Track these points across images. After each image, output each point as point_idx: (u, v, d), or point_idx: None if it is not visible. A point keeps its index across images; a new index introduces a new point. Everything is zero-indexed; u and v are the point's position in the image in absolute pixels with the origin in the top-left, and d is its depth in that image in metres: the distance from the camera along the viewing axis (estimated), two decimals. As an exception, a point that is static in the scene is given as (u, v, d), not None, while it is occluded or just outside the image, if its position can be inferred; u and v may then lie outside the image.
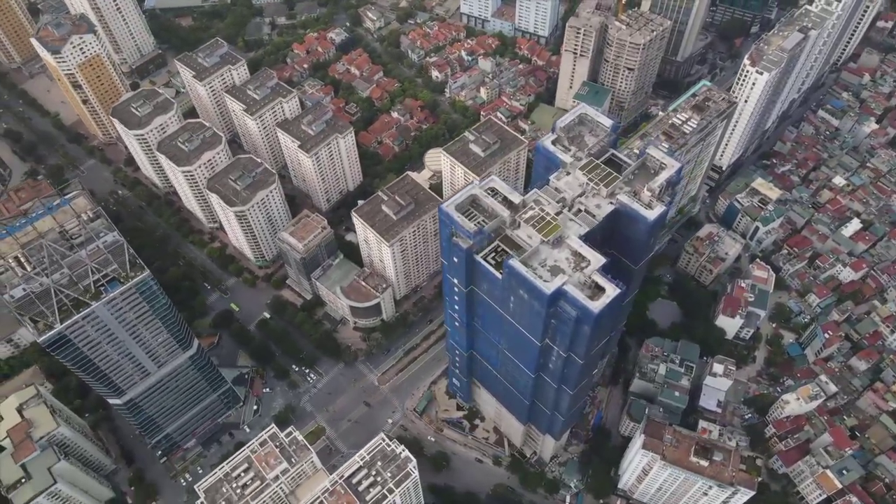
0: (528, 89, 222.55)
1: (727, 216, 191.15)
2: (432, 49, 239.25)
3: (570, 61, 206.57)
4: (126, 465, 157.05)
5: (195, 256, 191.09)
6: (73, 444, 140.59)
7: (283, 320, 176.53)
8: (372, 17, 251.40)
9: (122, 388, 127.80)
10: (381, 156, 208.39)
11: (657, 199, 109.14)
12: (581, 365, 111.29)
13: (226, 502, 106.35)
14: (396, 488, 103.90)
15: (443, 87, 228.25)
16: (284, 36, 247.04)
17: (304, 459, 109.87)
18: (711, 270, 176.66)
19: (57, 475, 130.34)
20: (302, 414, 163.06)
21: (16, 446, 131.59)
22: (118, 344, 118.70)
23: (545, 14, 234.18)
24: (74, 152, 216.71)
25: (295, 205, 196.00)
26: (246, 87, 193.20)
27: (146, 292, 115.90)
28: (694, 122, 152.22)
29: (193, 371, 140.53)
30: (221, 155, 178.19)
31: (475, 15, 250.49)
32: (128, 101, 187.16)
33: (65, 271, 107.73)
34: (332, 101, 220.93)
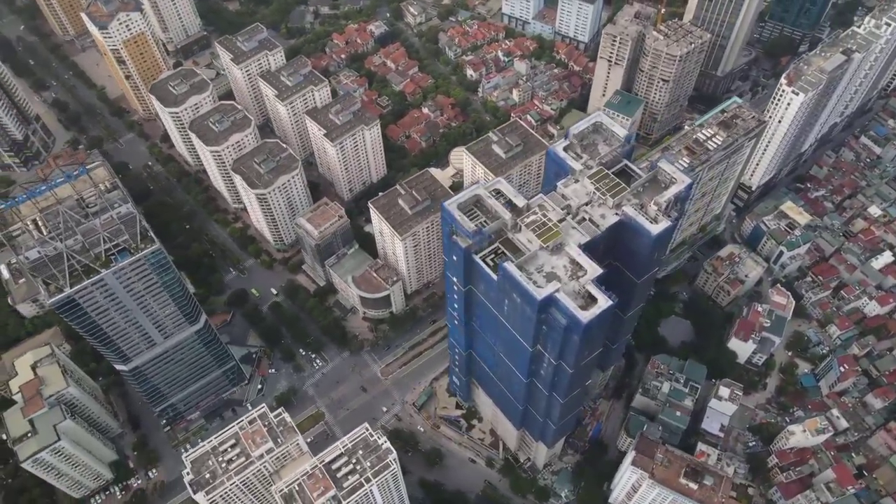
0: (562, 94, 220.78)
1: (752, 238, 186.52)
2: (470, 48, 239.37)
3: (605, 69, 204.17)
4: (132, 430, 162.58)
5: (217, 235, 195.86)
6: (81, 404, 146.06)
7: (294, 304, 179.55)
8: (413, 11, 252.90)
9: (128, 356, 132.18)
10: (407, 150, 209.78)
11: (663, 214, 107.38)
12: (570, 374, 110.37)
13: (210, 475, 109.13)
14: (374, 478, 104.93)
15: (476, 86, 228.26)
16: (326, 25, 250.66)
17: (289, 441, 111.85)
18: (729, 292, 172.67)
19: (62, 433, 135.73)
20: (303, 397, 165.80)
21: (26, 402, 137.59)
22: (125, 312, 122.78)
23: (586, 19, 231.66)
24: (115, 125, 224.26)
25: (318, 192, 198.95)
26: (280, 72, 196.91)
27: (155, 264, 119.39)
28: (719, 138, 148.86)
29: (199, 345, 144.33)
30: (249, 138, 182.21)
31: (516, 16, 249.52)
32: (166, 79, 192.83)
33: (78, 238, 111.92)
34: (366, 92, 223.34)
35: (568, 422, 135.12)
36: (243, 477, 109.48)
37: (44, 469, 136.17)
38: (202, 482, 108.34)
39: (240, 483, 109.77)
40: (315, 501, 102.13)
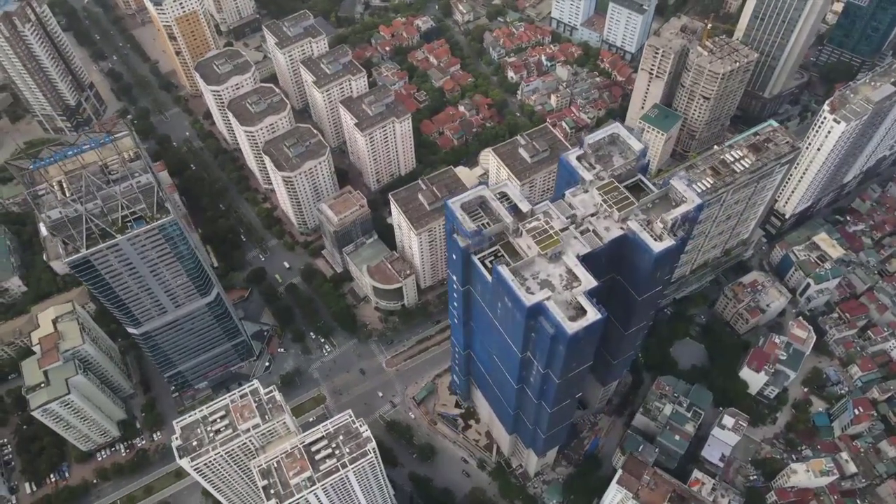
0: (600, 104, 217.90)
1: (781, 267, 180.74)
2: (514, 49, 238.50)
3: (645, 81, 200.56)
4: (143, 392, 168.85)
5: (245, 213, 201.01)
6: (95, 362, 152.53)
7: (310, 288, 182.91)
8: (462, 9, 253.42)
9: (139, 320, 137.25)
10: (438, 146, 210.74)
11: (669, 233, 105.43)
12: (557, 384, 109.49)
13: (197, 442, 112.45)
14: (350, 465, 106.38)
15: (516, 89, 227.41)
16: (375, 17, 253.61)
17: (276, 419, 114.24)
18: (748, 319, 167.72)
19: (72, 386, 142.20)
20: (308, 379, 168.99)
21: (43, 354, 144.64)
22: (138, 278, 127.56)
23: (635, 29, 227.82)
24: (163, 99, 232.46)
25: (346, 180, 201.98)
26: (320, 60, 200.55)
27: (168, 235, 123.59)
28: (747, 161, 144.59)
29: (209, 318, 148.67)
30: (284, 121, 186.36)
31: (565, 21, 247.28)
32: (212, 57, 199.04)
33: (98, 202, 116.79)
34: (405, 86, 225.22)
35: (559, 432, 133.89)
36: (228, 448, 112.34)
37: (53, 419, 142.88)
38: (189, 448, 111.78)
39: (224, 454, 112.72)
40: (290, 480, 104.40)
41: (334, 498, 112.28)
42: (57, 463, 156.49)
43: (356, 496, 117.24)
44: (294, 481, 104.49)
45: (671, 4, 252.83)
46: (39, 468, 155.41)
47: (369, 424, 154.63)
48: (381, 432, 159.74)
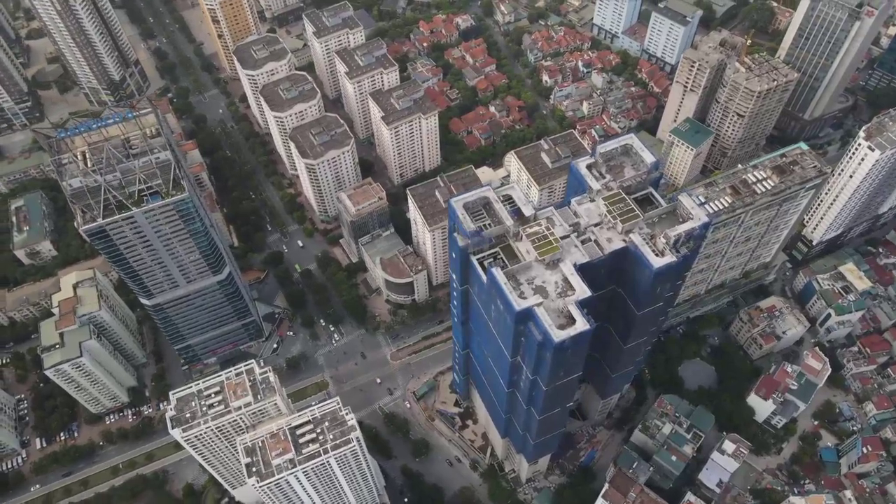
0: (633, 114, 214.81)
1: (803, 295, 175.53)
2: (551, 53, 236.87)
3: (679, 94, 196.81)
4: (155, 362, 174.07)
5: (270, 196, 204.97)
6: (110, 328, 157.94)
7: (324, 275, 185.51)
8: (504, 10, 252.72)
9: (151, 291, 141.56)
10: (465, 145, 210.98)
11: (671, 249, 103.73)
12: (545, 391, 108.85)
13: (191, 415, 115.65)
14: (332, 451, 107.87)
15: (549, 93, 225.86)
16: (416, 12, 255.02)
17: (268, 399, 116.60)
18: (761, 345, 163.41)
19: (85, 350, 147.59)
20: (313, 365, 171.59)
21: (60, 316, 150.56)
22: (151, 251, 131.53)
23: (676, 41, 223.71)
24: (204, 80, 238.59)
25: (372, 172, 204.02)
26: (355, 51, 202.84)
27: (182, 212, 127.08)
28: (769, 183, 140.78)
29: (220, 296, 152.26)
30: (313, 109, 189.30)
31: (606, 28, 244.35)
32: (250, 42, 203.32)
33: (117, 175, 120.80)
34: (438, 83, 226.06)
35: (549, 440, 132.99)
36: (219, 423, 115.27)
37: (65, 380, 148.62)
38: (181, 419, 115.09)
39: (214, 428, 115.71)
40: (272, 460, 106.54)
41: (316, 482, 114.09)
42: (67, 422, 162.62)
43: (339, 483, 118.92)
44: (276, 462, 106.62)
45: (718, 18, 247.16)
46: (51, 426, 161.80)
47: (367, 415, 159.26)
48: (379, 423, 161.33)
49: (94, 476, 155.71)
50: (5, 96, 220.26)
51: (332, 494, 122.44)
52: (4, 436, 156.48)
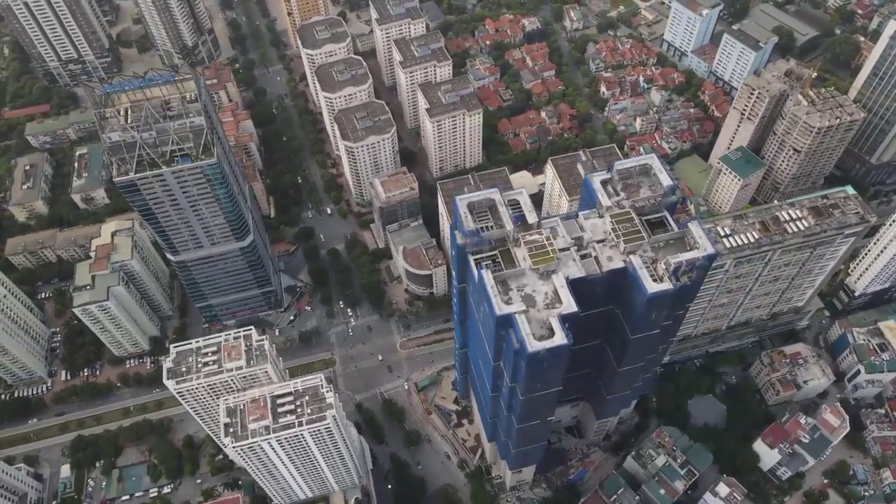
0: (687, 136, 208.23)
1: (836, 346, 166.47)
2: (614, 65, 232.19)
3: (736, 121, 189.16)
4: (179, 316, 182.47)
5: (312, 174, 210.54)
6: (139, 278, 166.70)
7: (350, 256, 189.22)
8: (574, 17, 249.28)
9: (176, 248, 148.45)
10: (510, 147, 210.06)
11: (671, 276, 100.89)
12: (521, 400, 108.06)
13: (186, 369, 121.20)
14: (307, 424, 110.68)
15: (605, 104, 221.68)
16: (485, 10, 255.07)
17: (259, 366, 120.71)
18: (779, 391, 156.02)
19: (112, 294, 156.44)
20: (324, 342, 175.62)
21: (95, 260, 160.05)
22: (178, 209, 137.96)
23: (745, 66, 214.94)
24: (271, 54, 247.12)
25: (414, 162, 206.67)
26: (412, 41, 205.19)
27: (210, 176, 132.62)
28: (804, 223, 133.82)
29: (242, 262, 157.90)
30: (363, 93, 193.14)
31: (676, 45, 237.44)
32: (314, 23, 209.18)
33: (153, 133, 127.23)
34: (494, 82, 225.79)
35: (531, 452, 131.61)
36: (210, 381, 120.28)
37: (90, 319, 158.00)
38: (177, 372, 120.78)
39: (206, 385, 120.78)
40: (248, 424, 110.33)
41: (291, 452, 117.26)
42: (92, 360, 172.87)
43: (315, 458, 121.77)
44: (252, 426, 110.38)
45: (798, 47, 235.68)
46: (77, 361, 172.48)
47: (368, 398, 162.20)
48: (377, 408, 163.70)
49: (107, 414, 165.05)
50: (88, 50, 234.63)
51: (309, 468, 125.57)
52: (34, 363, 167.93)
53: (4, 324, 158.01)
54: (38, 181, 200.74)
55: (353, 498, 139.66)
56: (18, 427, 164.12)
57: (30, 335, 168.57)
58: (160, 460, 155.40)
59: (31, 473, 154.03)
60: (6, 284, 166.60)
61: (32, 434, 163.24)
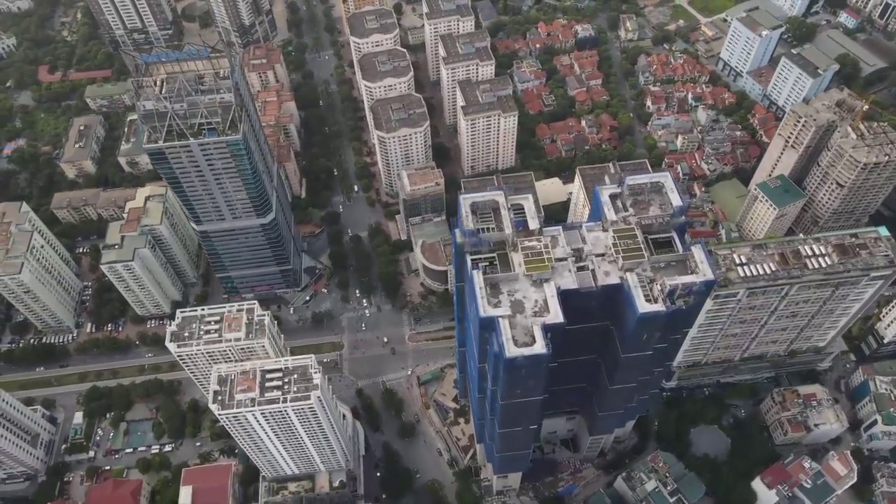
0: (729, 159, 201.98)
1: (857, 392, 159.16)
2: (664, 79, 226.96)
3: (779, 148, 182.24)
4: (203, 284, 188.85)
5: (347, 159, 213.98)
6: (166, 243, 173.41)
7: (371, 244, 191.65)
8: (629, 27, 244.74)
9: (199, 218, 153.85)
10: (545, 153, 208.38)
11: (665, 298, 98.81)
12: (501, 405, 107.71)
13: (188, 334, 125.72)
14: (290, 402, 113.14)
15: (649, 118, 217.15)
16: (540, 13, 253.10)
17: (256, 340, 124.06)
18: (787, 431, 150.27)
19: (138, 256, 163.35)
20: (335, 325, 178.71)
21: (126, 222, 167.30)
22: (203, 181, 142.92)
23: (801, 92, 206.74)
24: (324, 40, 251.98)
25: (447, 158, 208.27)
26: (458, 38, 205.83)
27: (234, 151, 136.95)
28: (826, 261, 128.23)
29: (262, 238, 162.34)
30: (402, 85, 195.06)
31: (732, 64, 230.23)
32: (365, 12, 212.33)
33: (184, 105, 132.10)
34: (538, 86, 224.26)
35: (515, 459, 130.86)
36: (210, 349, 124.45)
37: (116, 277, 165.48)
38: (179, 336, 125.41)
39: (206, 352, 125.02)
40: (235, 395, 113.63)
41: (276, 427, 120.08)
42: (117, 316, 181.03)
43: (300, 436, 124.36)
44: (239, 397, 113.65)
45: (863, 77, 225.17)
46: (103, 316, 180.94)
47: (369, 385, 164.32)
48: (377, 396, 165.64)
49: (124, 369, 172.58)
50: (152, 21, 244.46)
51: (294, 445, 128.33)
52: (63, 313, 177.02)
53: (39, 273, 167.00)
54: (90, 142, 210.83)
55: (337, 479, 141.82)
56: (41, 371, 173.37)
57: (62, 286, 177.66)
58: (165, 419, 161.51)
59: (46, 416, 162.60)
60: (46, 236, 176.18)
61: (53, 380, 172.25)
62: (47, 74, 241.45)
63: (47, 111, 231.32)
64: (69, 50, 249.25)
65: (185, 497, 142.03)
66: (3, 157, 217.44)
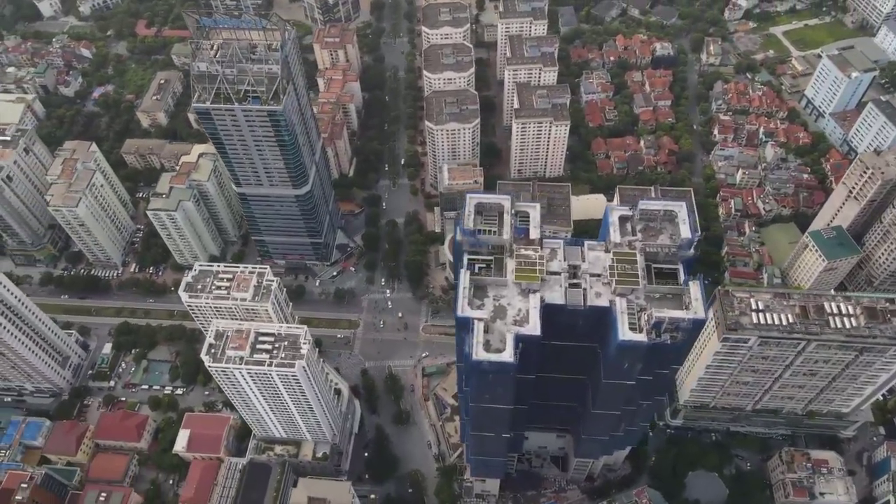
0: (789, 202, 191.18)
1: (877, 468, 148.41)
2: (738, 109, 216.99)
3: (842, 197, 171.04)
4: (241, 244, 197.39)
5: (399, 145, 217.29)
6: (211, 200, 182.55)
7: (406, 231, 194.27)
8: (713, 50, 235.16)
9: (239, 180, 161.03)
10: (596, 167, 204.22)
11: (650, 330, 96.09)
12: (471, 408, 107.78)
13: (201, 287, 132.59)
14: (275, 367, 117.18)
15: (712, 147, 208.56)
16: (622, 25, 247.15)
17: (260, 303, 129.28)
18: (789, 494, 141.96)
19: (181, 208, 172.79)
20: (356, 304, 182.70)
21: (177, 174, 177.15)
22: (244, 145, 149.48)
23: (885, 141, 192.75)
24: (402, 26, 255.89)
25: (496, 158, 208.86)
26: (525, 40, 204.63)
27: (274, 122, 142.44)
28: (849, 322, 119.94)
29: (295, 209, 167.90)
30: (462, 80, 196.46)
31: (815, 103, 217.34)
32: (440, 3, 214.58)
33: (234, 71, 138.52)
34: (603, 100, 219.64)
35: (489, 464, 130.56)
36: (217, 304, 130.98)
37: (159, 224, 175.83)
38: (192, 287, 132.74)
39: (213, 307, 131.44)
40: (226, 350, 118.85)
41: (262, 388, 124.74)
42: (159, 261, 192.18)
43: (285, 401, 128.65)
44: (229, 353, 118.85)
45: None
46: (147, 259, 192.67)
47: (376, 367, 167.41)
48: (381, 379, 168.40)
49: (155, 311, 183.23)
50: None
51: (280, 410, 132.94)
52: (112, 251, 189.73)
53: (94, 209, 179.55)
54: (167, 96, 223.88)
55: (321, 451, 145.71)
56: (84, 300, 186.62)
57: (115, 225, 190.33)
58: (182, 364, 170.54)
59: (80, 342, 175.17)
60: (108, 176, 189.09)
61: (93, 310, 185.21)
62: (144, 29, 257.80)
63: (138, 62, 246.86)
64: (167, 8, 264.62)
65: (182, 439, 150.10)
66: (91, 100, 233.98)
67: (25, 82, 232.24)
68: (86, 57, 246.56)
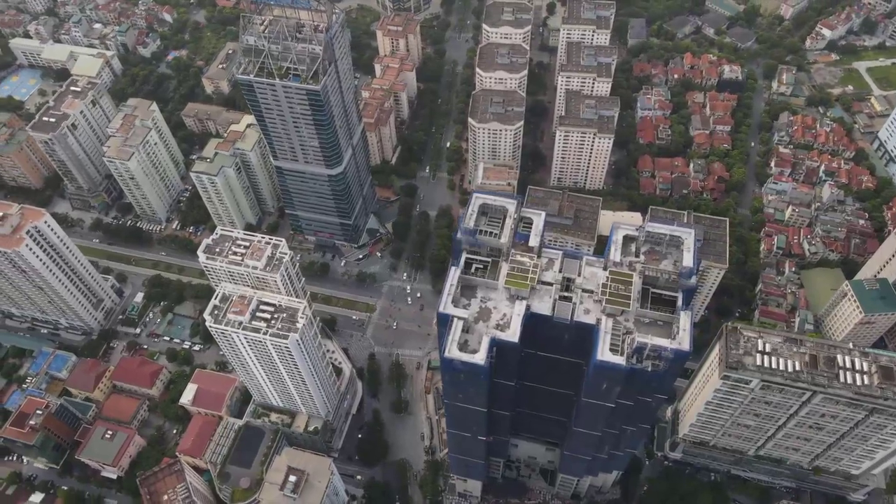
0: (838, 246, 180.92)
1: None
2: (801, 143, 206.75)
3: (892, 248, 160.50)
4: (278, 217, 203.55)
5: (445, 139, 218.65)
6: (253, 169, 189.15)
7: (436, 224, 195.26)
8: (785, 79, 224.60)
9: (276, 153, 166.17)
10: (639, 185, 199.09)
11: (631, 355, 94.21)
12: (448, 406, 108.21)
13: (219, 249, 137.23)
14: (269, 337, 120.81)
15: (766, 179, 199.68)
16: (694, 43, 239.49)
17: (270, 274, 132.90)
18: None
19: (223, 174, 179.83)
20: (376, 289, 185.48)
21: (223, 141, 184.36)
22: (282, 119, 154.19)
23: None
24: (468, 21, 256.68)
25: (539, 164, 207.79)
26: (584, 48, 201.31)
27: (311, 100, 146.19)
28: (861, 378, 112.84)
29: (327, 188, 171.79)
30: (513, 81, 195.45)
31: (888, 147, 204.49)
32: (505, 3, 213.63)
33: (279, 48, 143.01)
34: (657, 117, 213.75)
35: (468, 465, 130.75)
36: (230, 269, 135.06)
37: (200, 186, 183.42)
38: (210, 249, 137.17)
39: (227, 271, 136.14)
40: (227, 314, 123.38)
41: (259, 354, 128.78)
42: (199, 223, 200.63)
43: (280, 370, 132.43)
44: (230, 317, 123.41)
45: None
46: (188, 218, 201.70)
47: (382, 353, 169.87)
48: (386, 366, 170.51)
49: (188, 269, 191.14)
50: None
51: (276, 378, 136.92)
52: (158, 206, 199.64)
53: (146, 165, 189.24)
54: (232, 66, 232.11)
55: (313, 425, 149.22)
56: (126, 249, 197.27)
57: (164, 183, 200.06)
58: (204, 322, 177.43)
59: (115, 288, 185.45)
60: (163, 135, 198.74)
61: (133, 259, 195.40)
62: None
63: (213, 31, 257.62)
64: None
65: (188, 393, 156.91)
66: (165, 62, 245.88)
67: (108, 39, 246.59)
68: (167, 21, 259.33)
